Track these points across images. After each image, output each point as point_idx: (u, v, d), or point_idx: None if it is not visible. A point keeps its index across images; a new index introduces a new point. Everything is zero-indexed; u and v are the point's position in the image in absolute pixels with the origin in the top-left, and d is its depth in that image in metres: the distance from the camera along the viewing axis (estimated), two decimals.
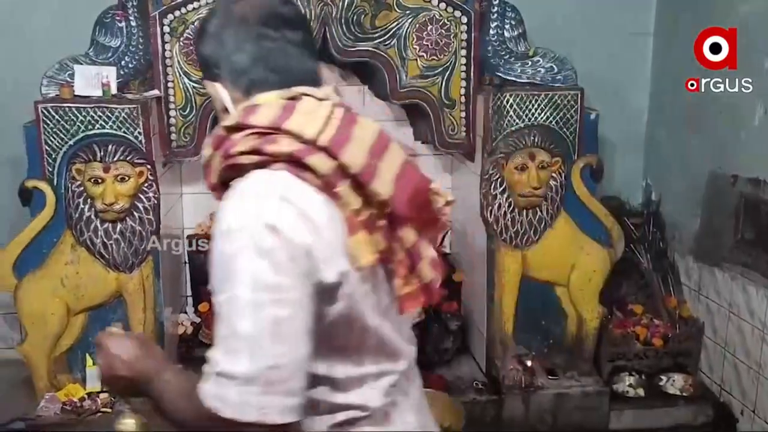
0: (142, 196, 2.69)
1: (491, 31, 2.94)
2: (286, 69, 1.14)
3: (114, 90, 2.68)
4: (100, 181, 2.63)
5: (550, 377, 2.96)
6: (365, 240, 1.06)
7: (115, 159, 2.63)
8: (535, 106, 2.88)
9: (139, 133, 2.65)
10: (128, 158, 2.64)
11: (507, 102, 2.86)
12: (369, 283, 1.10)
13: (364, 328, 1.12)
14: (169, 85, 2.79)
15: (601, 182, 3.14)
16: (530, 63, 2.96)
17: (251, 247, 1.00)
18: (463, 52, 2.92)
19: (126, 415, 1.36)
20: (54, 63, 2.72)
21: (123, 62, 2.76)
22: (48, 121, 2.62)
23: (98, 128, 2.63)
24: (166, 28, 2.74)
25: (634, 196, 3.54)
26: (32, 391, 2.82)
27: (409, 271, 1.13)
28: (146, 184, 2.68)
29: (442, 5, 2.87)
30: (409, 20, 2.86)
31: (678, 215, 3.29)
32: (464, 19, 2.89)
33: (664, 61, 3.42)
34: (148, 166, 2.68)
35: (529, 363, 2.93)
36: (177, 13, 2.74)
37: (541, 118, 2.89)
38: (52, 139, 2.63)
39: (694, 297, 3.17)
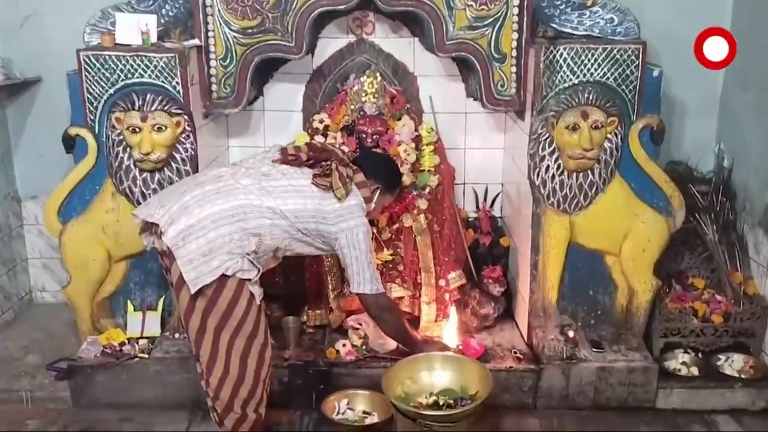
0: (179, 147, 2.68)
1: None
2: None
3: (154, 38, 2.67)
4: (137, 130, 2.63)
5: (594, 350, 2.80)
6: None
7: (153, 108, 2.62)
8: (591, 60, 2.67)
9: (177, 83, 2.63)
10: (165, 108, 2.63)
11: (560, 56, 2.66)
12: None
13: None
14: (210, 34, 2.75)
15: (666, 146, 2.91)
16: (588, 14, 2.75)
17: None
18: (516, 1, 2.74)
19: None
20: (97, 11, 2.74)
21: (164, 10, 2.74)
22: (89, 69, 2.64)
23: (137, 77, 2.64)
24: None
25: (704, 162, 3.27)
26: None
27: None
28: (183, 135, 2.67)
29: None
30: None
31: (751, 184, 3.01)
32: None
33: (746, 14, 3.10)
34: (186, 117, 2.66)
35: (571, 333, 2.79)
36: None
37: (598, 74, 2.68)
38: (94, 87, 2.66)
39: (762, 273, 2.92)
